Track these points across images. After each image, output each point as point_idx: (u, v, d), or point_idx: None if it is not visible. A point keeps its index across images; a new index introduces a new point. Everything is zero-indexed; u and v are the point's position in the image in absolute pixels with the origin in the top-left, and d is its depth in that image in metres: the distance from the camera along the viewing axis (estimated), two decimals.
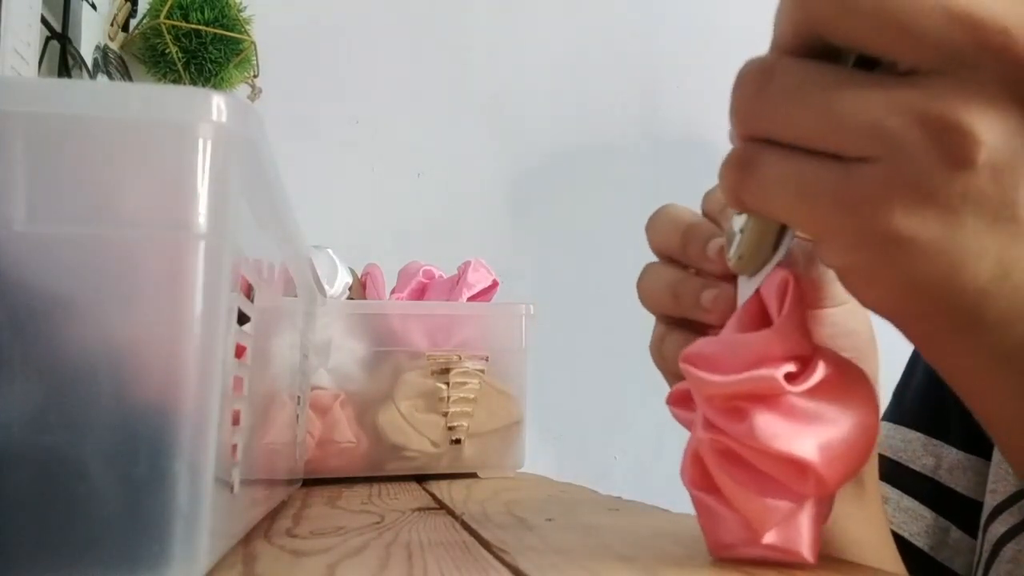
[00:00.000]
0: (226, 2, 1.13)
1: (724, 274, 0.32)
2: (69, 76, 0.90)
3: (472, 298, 0.77)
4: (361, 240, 1.15)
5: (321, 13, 1.33)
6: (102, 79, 1.00)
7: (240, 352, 0.33)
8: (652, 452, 1.30)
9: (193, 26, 1.10)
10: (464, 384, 0.72)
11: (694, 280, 0.33)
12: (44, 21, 0.82)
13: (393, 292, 0.82)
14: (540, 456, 0.82)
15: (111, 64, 1.06)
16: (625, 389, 1.31)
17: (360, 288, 0.84)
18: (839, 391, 0.28)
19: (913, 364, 0.53)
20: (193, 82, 1.13)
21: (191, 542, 0.25)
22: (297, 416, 0.57)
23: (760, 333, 0.28)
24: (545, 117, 1.41)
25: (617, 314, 1.38)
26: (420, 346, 0.72)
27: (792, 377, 0.28)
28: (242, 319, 0.32)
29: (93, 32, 1.01)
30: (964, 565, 0.46)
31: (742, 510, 0.28)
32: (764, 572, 0.28)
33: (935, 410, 0.49)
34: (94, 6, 1.01)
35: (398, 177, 1.35)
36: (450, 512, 0.48)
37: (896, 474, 0.49)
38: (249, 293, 0.34)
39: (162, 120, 0.26)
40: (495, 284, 0.79)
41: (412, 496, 0.58)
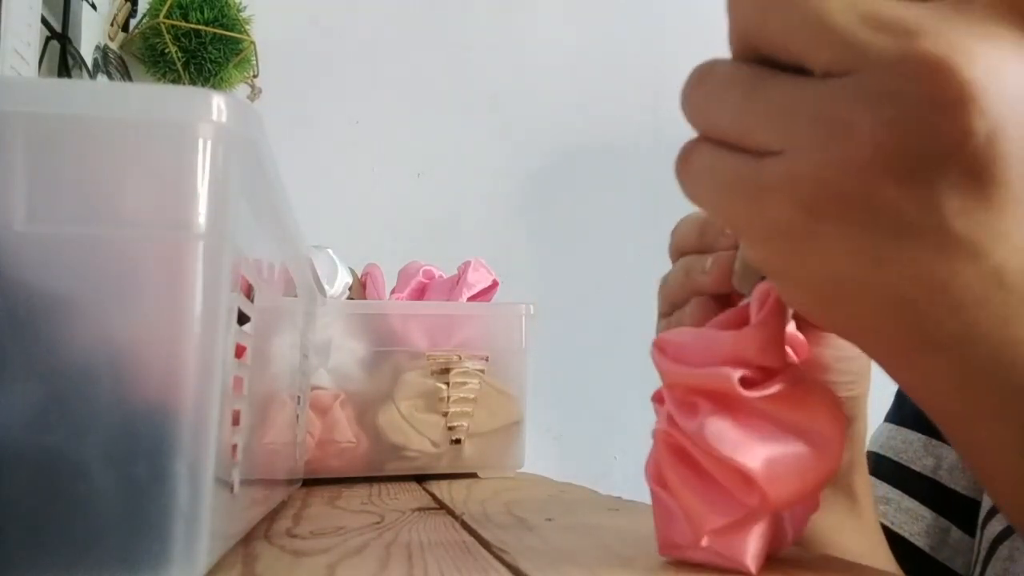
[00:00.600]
0: (226, 2, 1.13)
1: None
2: (69, 76, 0.90)
3: (472, 298, 0.77)
4: (361, 240, 1.15)
5: (321, 13, 1.33)
6: (102, 79, 1.00)
7: (240, 352, 0.32)
8: None
9: (193, 26, 1.10)
10: (464, 384, 0.72)
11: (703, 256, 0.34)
12: (44, 21, 0.82)
13: (393, 292, 0.82)
14: (540, 456, 0.82)
15: (111, 64, 1.06)
16: (625, 389, 1.31)
17: (360, 288, 0.84)
18: (801, 410, 0.28)
19: None
20: (193, 82, 1.13)
21: (191, 542, 0.25)
22: (297, 416, 0.57)
23: (730, 332, 0.28)
24: (545, 117, 1.41)
25: (617, 314, 1.38)
26: (420, 346, 0.72)
27: (750, 383, 0.27)
28: (242, 319, 0.32)
29: (93, 32, 1.01)
30: (964, 565, 0.46)
31: (684, 508, 0.28)
32: (766, 570, 0.28)
33: None
34: (94, 6, 1.01)
35: (398, 177, 1.35)
36: (450, 512, 0.48)
37: (897, 475, 0.49)
38: (249, 293, 0.34)
39: (162, 120, 0.26)
40: (495, 284, 0.79)
41: (412, 496, 0.58)
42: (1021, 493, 0.25)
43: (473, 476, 0.72)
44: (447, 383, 0.71)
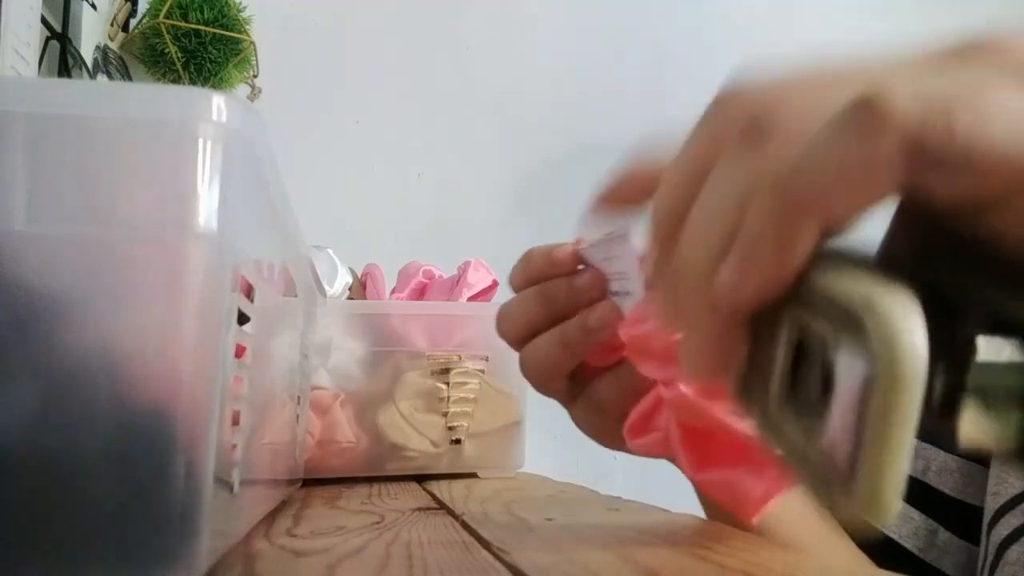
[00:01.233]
0: (226, 2, 1.13)
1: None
2: (69, 76, 0.90)
3: (472, 298, 0.77)
4: (361, 240, 1.15)
5: (321, 13, 1.33)
6: (102, 79, 1.00)
7: (240, 352, 0.32)
8: None
9: (193, 26, 1.10)
10: (464, 384, 0.72)
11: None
12: (44, 21, 0.82)
13: (393, 292, 0.82)
14: (540, 456, 0.82)
15: (111, 64, 1.06)
16: None
17: (360, 288, 0.84)
18: None
19: None
20: (193, 82, 1.13)
21: (191, 542, 0.25)
22: (297, 416, 0.57)
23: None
24: (546, 117, 1.41)
25: None
26: (420, 346, 0.72)
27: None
28: (242, 319, 0.32)
29: (93, 32, 1.01)
30: (952, 565, 0.46)
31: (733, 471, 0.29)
32: (767, 571, 0.28)
33: None
34: (94, 6, 1.01)
35: (398, 177, 1.35)
36: (450, 512, 0.48)
37: None
38: (249, 293, 0.34)
39: (162, 120, 0.26)
40: (495, 284, 0.79)
41: (412, 496, 0.58)
42: None
43: (473, 476, 0.72)
44: (447, 383, 0.71)
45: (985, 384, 0.16)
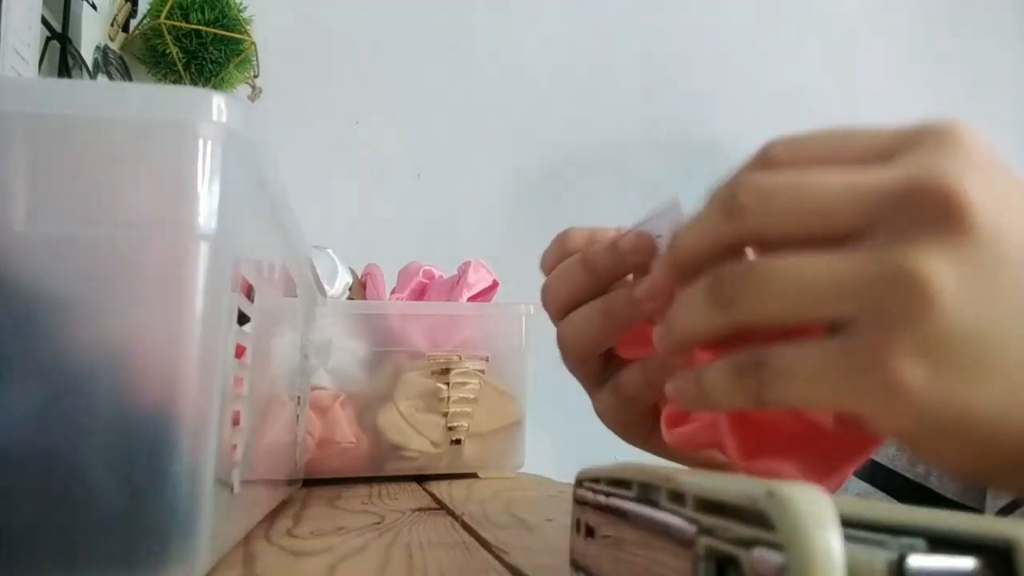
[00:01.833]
0: (226, 2, 1.13)
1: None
2: (69, 76, 0.90)
3: (472, 298, 0.77)
4: (361, 240, 1.15)
5: (321, 13, 1.33)
6: (102, 79, 1.00)
7: (240, 352, 0.32)
8: None
9: (193, 26, 1.10)
10: (464, 384, 0.72)
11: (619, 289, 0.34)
12: (44, 21, 0.82)
13: (393, 292, 0.82)
14: (540, 456, 0.82)
15: (111, 64, 1.06)
16: None
17: (360, 288, 0.84)
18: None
19: None
20: (193, 82, 1.13)
21: (191, 542, 0.25)
22: (297, 416, 0.57)
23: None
24: (545, 117, 1.41)
25: None
26: (420, 346, 0.72)
27: None
28: (242, 319, 0.32)
29: (93, 32, 1.01)
30: None
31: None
32: None
33: None
34: (94, 6, 1.01)
35: (398, 177, 1.35)
36: (450, 512, 0.48)
37: (891, 482, 0.50)
38: (249, 293, 0.34)
39: (162, 120, 0.26)
40: (495, 284, 0.79)
41: (412, 496, 0.58)
42: None
43: (473, 476, 0.72)
44: (447, 383, 0.71)
45: None
